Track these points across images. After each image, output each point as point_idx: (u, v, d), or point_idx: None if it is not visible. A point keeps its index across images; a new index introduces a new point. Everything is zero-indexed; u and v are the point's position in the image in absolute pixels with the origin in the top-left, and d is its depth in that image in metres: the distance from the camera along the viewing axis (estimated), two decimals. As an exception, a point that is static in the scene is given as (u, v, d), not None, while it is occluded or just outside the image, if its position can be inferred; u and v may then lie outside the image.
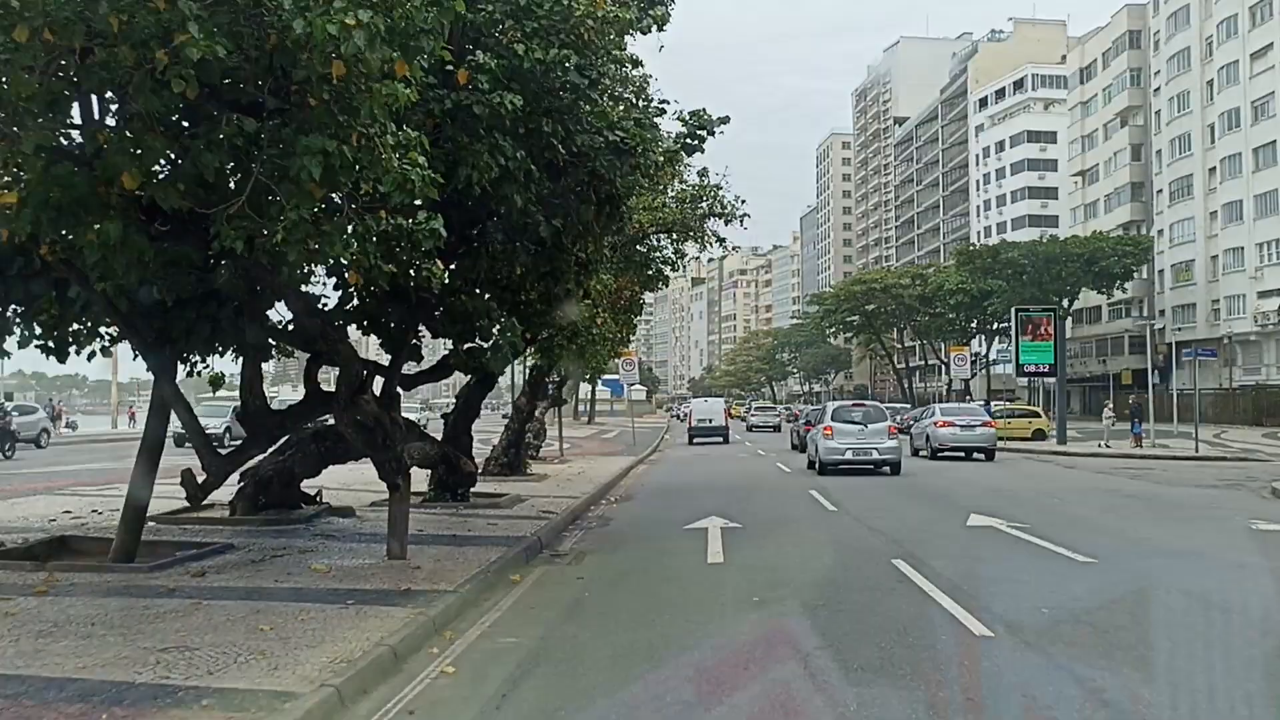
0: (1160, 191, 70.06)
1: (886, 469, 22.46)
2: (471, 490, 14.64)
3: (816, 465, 23.11)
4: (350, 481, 16.39)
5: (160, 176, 6.99)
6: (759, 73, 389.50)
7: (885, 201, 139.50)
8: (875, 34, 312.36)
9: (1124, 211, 74.61)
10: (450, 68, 7.78)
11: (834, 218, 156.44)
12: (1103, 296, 71.73)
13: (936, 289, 70.70)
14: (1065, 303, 66.08)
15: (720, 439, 41.79)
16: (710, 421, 42.90)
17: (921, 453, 29.61)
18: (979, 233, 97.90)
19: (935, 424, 28.83)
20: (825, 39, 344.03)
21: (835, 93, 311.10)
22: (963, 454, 28.49)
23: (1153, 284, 71.75)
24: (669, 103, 11.77)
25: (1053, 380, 37.94)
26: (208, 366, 10.04)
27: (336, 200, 7.37)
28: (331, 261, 7.59)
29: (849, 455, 22.23)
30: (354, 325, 10.01)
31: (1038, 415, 39.03)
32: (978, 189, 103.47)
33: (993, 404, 38.95)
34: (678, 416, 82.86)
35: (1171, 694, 5.85)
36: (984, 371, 79.22)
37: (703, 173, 18.54)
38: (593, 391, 65.50)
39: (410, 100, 6.84)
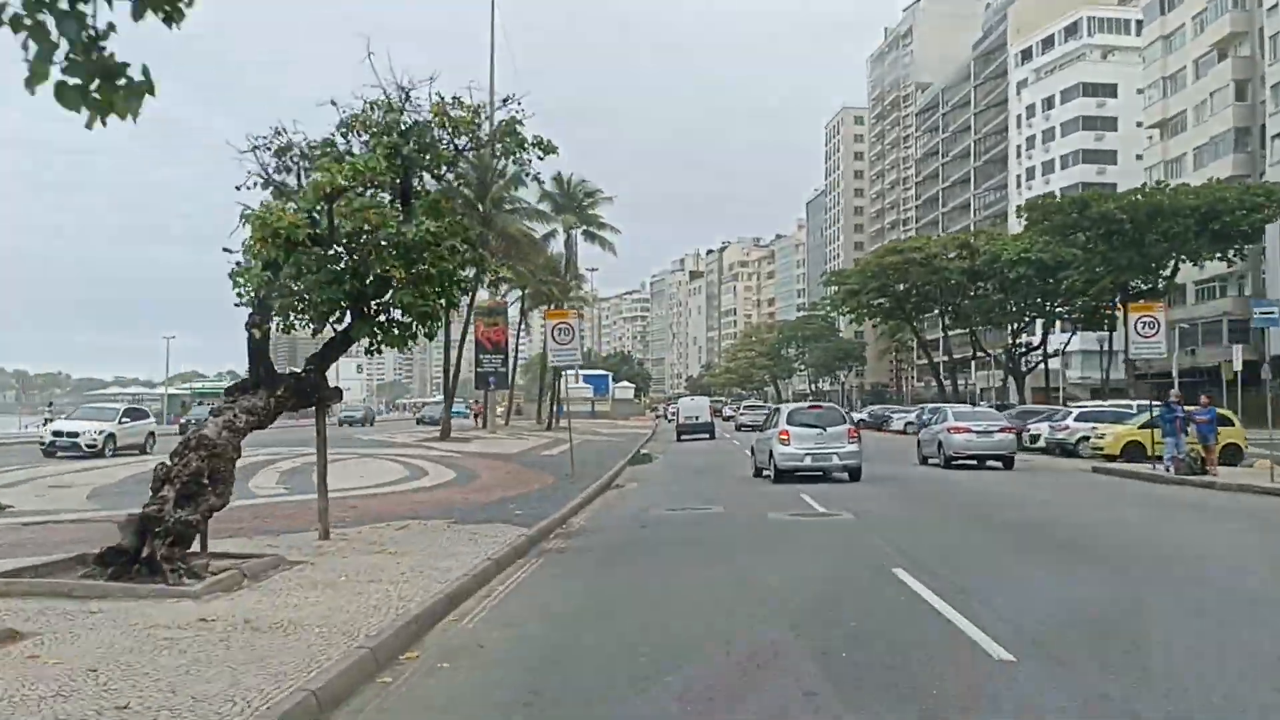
0: (1276, 137, 55.43)
1: (846, 475, 20.82)
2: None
3: (771, 473, 21.31)
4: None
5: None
6: (759, 71, 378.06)
7: (904, 178, 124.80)
8: (880, 30, 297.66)
9: (1223, 165, 59.79)
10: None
11: (844, 200, 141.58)
12: (1195, 270, 56.80)
13: (991, 260, 55.84)
14: (1167, 274, 51.33)
15: (706, 434, 45.71)
16: (696, 418, 47.32)
17: (931, 460, 26.79)
18: (1019, 207, 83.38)
19: (949, 429, 26.08)
20: (827, 37, 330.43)
21: (837, 91, 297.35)
22: (975, 462, 25.58)
23: (1261, 253, 57.13)
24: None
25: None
26: None
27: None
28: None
29: (808, 461, 20.80)
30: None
31: (1229, 423, 24.10)
32: (1018, 156, 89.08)
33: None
34: (665, 418, 75.70)
35: None
36: (1042, 366, 64.51)
37: None
38: (555, 389, 50.76)
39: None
